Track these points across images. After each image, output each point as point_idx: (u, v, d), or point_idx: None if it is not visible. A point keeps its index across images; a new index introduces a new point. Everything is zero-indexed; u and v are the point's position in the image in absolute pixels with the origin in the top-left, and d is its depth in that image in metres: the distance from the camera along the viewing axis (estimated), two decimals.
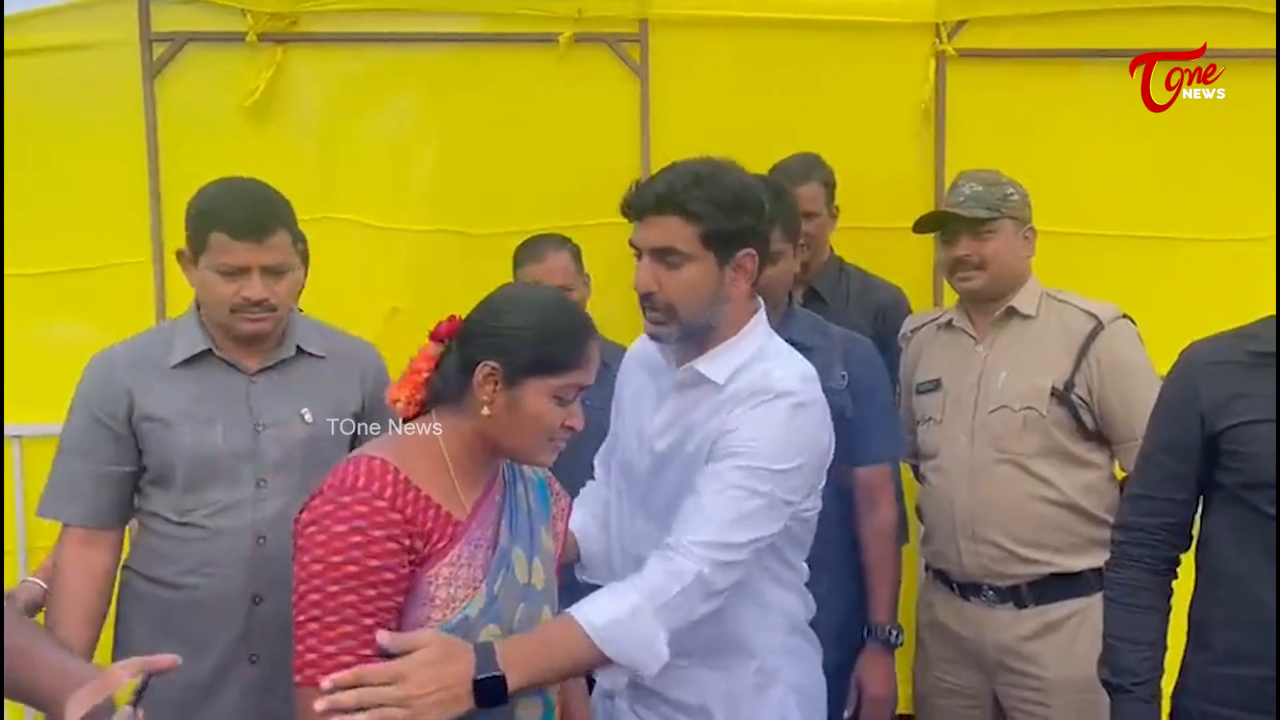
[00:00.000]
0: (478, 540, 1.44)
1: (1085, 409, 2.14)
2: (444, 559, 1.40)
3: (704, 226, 1.62)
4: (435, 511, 1.41)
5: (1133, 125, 3.11)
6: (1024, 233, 2.27)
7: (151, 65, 3.01)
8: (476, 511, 1.46)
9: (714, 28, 3.09)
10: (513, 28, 3.07)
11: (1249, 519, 1.60)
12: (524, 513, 1.54)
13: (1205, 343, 1.72)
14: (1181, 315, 3.04)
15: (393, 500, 1.36)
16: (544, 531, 1.57)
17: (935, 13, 3.08)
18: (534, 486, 1.61)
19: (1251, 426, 1.60)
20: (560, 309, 1.50)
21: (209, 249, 1.83)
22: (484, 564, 1.44)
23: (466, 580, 1.41)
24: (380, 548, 1.34)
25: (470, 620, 1.40)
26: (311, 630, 1.34)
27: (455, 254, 3.10)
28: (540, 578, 1.52)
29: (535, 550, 1.52)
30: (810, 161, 2.74)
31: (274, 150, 3.06)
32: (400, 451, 1.43)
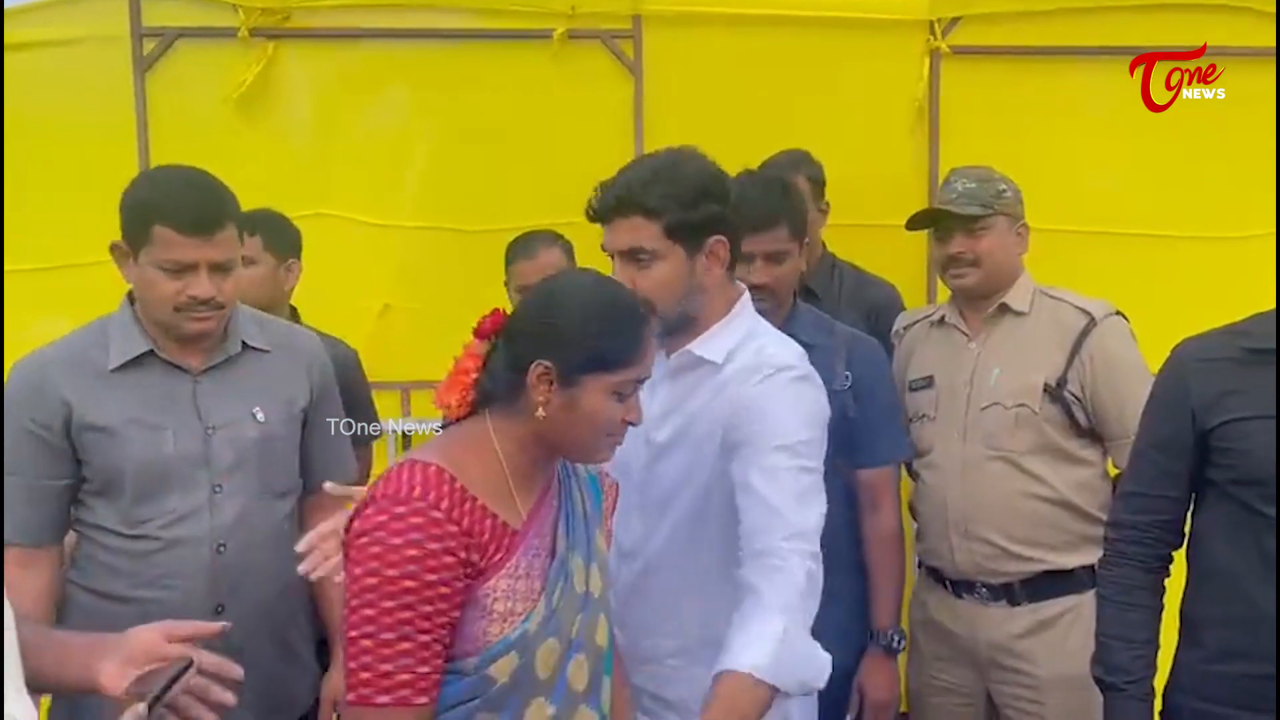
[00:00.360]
0: (535, 549, 1.38)
1: (1078, 406, 2.13)
2: (501, 571, 1.33)
3: (666, 220, 1.62)
4: (492, 521, 1.34)
5: (1127, 123, 3.11)
6: (1017, 229, 2.27)
7: (142, 60, 3.00)
8: (533, 519, 1.39)
9: (708, 24, 3.08)
10: (506, 24, 3.06)
11: (1241, 516, 1.59)
12: (580, 516, 1.47)
13: (1196, 340, 1.72)
14: (1175, 312, 3.04)
15: (449, 511, 1.29)
16: (598, 534, 1.51)
17: (929, 10, 3.07)
18: (587, 485, 1.54)
19: (1243, 423, 1.59)
20: (615, 301, 1.42)
21: (151, 243, 1.71)
22: (542, 573, 1.37)
23: (525, 592, 1.34)
24: (438, 561, 1.27)
25: (529, 634, 1.34)
26: (365, 647, 1.26)
27: (448, 250, 3.09)
28: (597, 584, 1.46)
29: (592, 555, 1.46)
30: (796, 157, 2.74)
31: (266, 146, 3.05)
32: (454, 456, 1.35)
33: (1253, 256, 3.09)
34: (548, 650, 1.36)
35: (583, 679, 1.41)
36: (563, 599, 1.38)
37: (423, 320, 3.12)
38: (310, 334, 2.06)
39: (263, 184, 3.00)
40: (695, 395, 1.71)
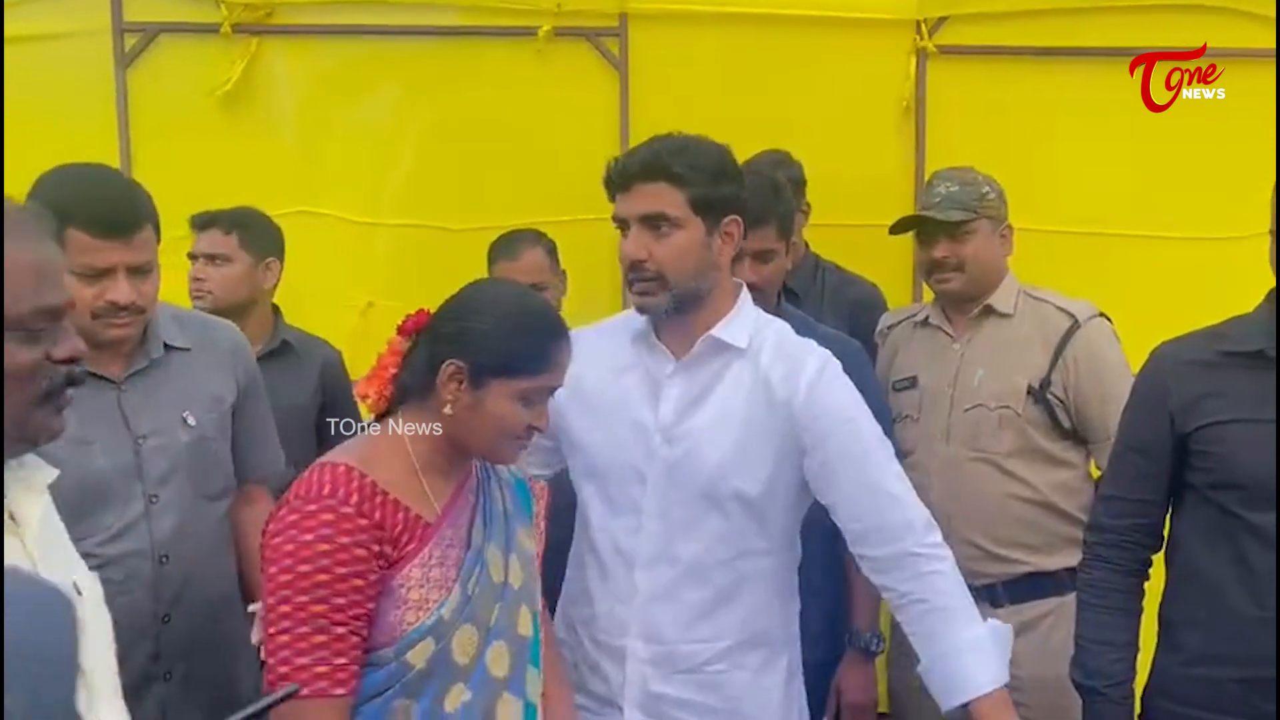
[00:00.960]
0: (449, 540, 1.42)
1: (1061, 408, 2.13)
2: (414, 560, 1.38)
3: (692, 191, 1.61)
4: (404, 514, 1.38)
5: (1114, 123, 3.11)
6: (1000, 231, 2.26)
7: (123, 56, 2.98)
8: (448, 512, 1.44)
9: (694, 22, 3.06)
10: (491, 21, 3.04)
11: (1219, 520, 1.59)
12: (499, 513, 1.51)
13: (1175, 342, 1.71)
14: (1161, 313, 3.05)
15: (359, 506, 1.34)
16: (522, 532, 1.54)
17: (916, 9, 3.06)
18: (510, 487, 1.57)
19: (1221, 427, 1.59)
20: (530, 308, 1.48)
21: (65, 247, 1.56)
22: (456, 563, 1.41)
23: (439, 580, 1.39)
24: (349, 554, 1.32)
25: (445, 620, 1.38)
26: (283, 642, 1.31)
27: (432, 249, 3.07)
28: (518, 576, 1.49)
29: (511, 548, 1.50)
30: (776, 158, 2.72)
31: (248, 143, 3.03)
32: (366, 456, 1.41)
33: (1239, 258, 3.08)
34: (464, 636, 1.39)
35: (503, 666, 1.44)
36: (478, 587, 1.42)
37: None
38: (229, 325, 2.00)
39: (245, 181, 2.99)
40: (721, 381, 1.67)
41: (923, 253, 2.28)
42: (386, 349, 1.51)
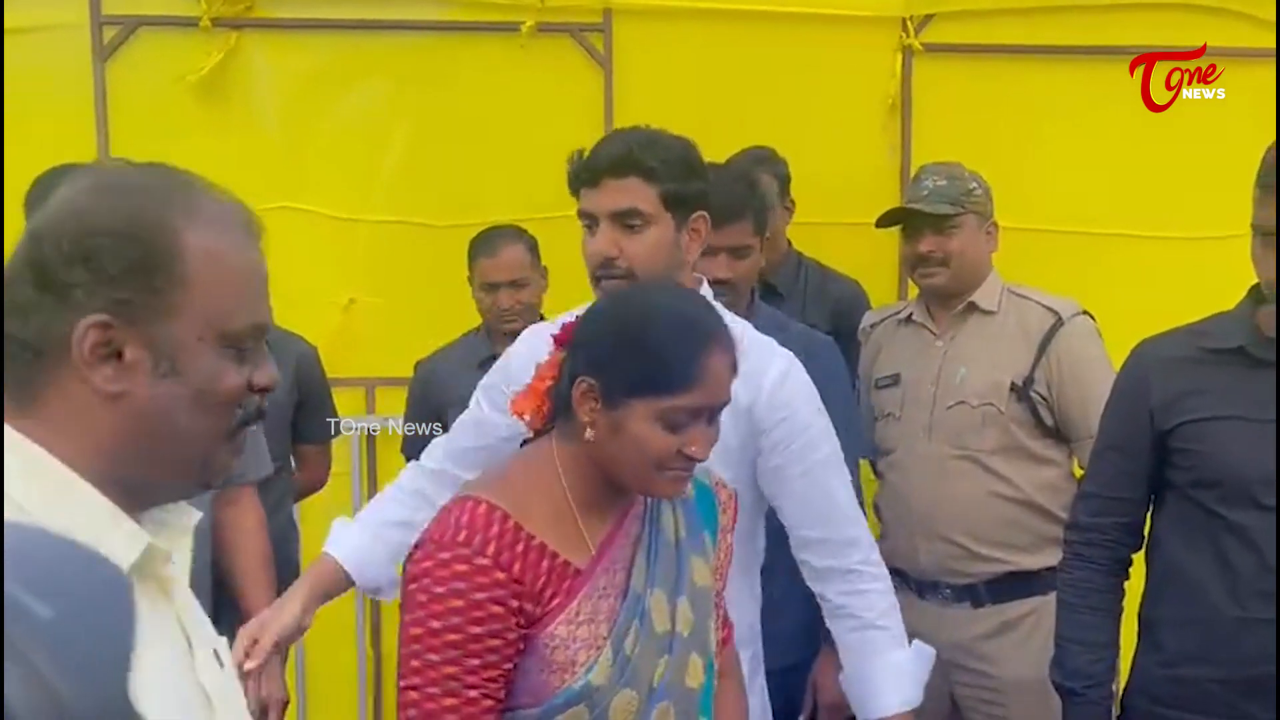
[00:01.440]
0: (603, 589, 1.25)
1: (1044, 405, 2.12)
2: (559, 617, 1.21)
3: (664, 187, 1.59)
4: (550, 562, 1.22)
5: (1100, 121, 3.11)
6: (986, 227, 2.25)
7: (102, 49, 2.94)
8: (603, 554, 1.26)
9: (679, 18, 3.05)
10: (474, 16, 3.02)
11: (1199, 518, 1.58)
12: (668, 545, 1.32)
13: (1156, 339, 1.71)
14: (1144, 312, 3.05)
15: (496, 556, 1.19)
16: (698, 563, 1.34)
17: (902, 7, 3.05)
18: (689, 505, 1.36)
19: (1202, 424, 1.58)
20: (671, 315, 1.26)
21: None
22: (610, 617, 1.24)
23: (587, 639, 1.22)
24: (484, 612, 1.18)
25: (595, 687, 1.21)
26: (413, 699, 1.20)
27: (415, 245, 3.05)
28: (687, 621, 1.29)
29: (680, 589, 1.30)
30: (761, 155, 2.71)
31: (229, 138, 3.00)
32: (512, 487, 1.25)
33: (1224, 256, 3.07)
34: (624, 702, 1.23)
35: None
36: (638, 646, 1.24)
37: (389, 316, 3.08)
38: None
39: (226, 176, 2.86)
40: None
41: (908, 247, 2.27)
42: (546, 360, 1.34)
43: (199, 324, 0.84)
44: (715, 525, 1.40)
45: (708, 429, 1.26)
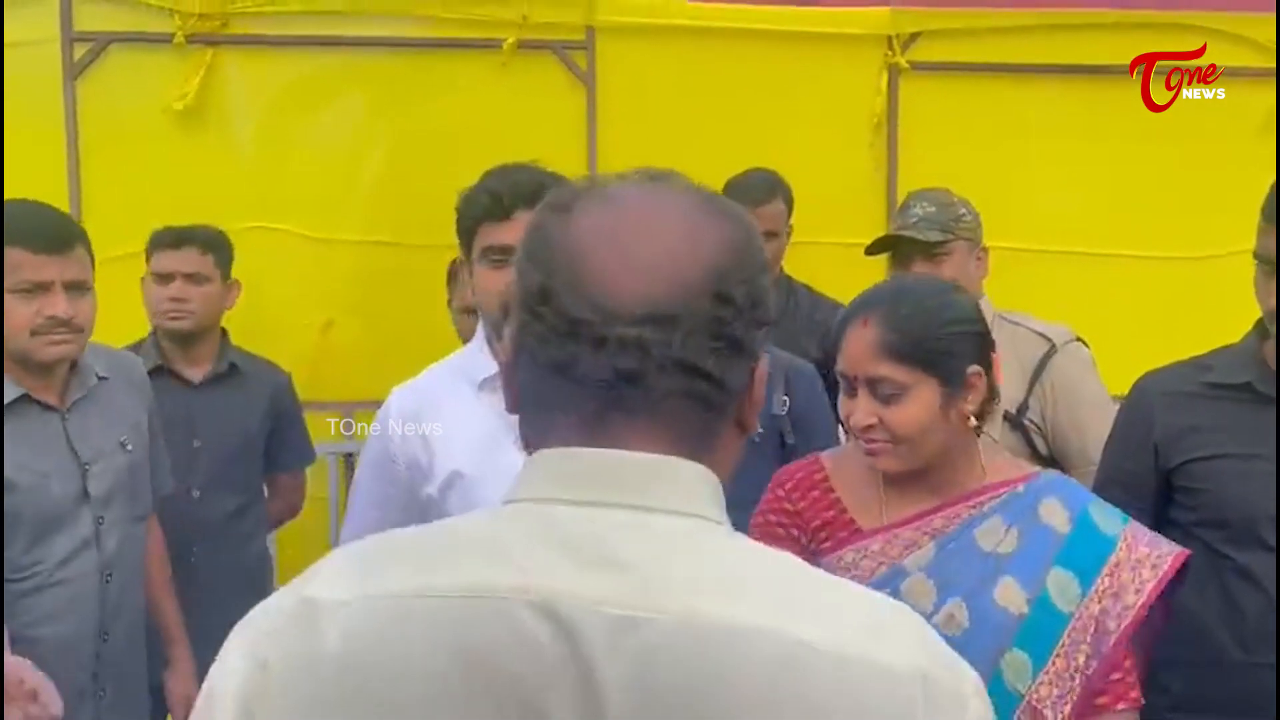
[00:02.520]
0: (874, 554, 1.40)
1: (1038, 434, 2.09)
2: (827, 558, 1.41)
3: None
4: (836, 513, 1.44)
5: (1086, 140, 3.09)
6: (976, 254, 2.22)
7: (73, 66, 2.88)
8: (890, 528, 1.40)
9: (662, 36, 3.01)
10: (455, 33, 2.98)
11: (1206, 558, 1.54)
12: (977, 552, 1.36)
13: (1160, 373, 1.67)
14: (1133, 331, 3.05)
15: (789, 493, 1.46)
16: (1009, 584, 1.35)
17: (888, 25, 3.03)
18: (1042, 531, 1.37)
19: (1207, 462, 1.55)
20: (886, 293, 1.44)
21: (4, 267, 1.69)
22: (869, 575, 1.39)
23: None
24: (769, 532, 1.45)
25: None
26: None
27: (394, 265, 3.00)
28: (957, 624, 1.34)
29: (959, 592, 1.35)
30: (773, 180, 2.67)
31: (202, 156, 2.94)
32: (847, 453, 1.48)
33: (1212, 275, 3.08)
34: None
35: None
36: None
37: (367, 337, 3.03)
38: (132, 355, 2.10)
39: (200, 196, 2.90)
40: None
41: (899, 273, 2.22)
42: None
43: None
44: (1092, 577, 1.36)
45: (852, 400, 1.39)
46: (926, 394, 1.34)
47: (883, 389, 1.34)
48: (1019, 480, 1.42)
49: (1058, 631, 1.34)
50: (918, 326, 1.35)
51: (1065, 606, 1.34)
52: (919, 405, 1.33)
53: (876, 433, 1.35)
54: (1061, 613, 1.34)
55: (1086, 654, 1.33)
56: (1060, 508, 1.39)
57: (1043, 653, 1.33)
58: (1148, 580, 1.36)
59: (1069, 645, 1.34)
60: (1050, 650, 1.33)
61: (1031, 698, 1.32)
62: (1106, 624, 1.34)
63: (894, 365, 1.33)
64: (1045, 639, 1.33)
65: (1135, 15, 3.05)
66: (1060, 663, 1.34)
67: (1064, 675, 1.33)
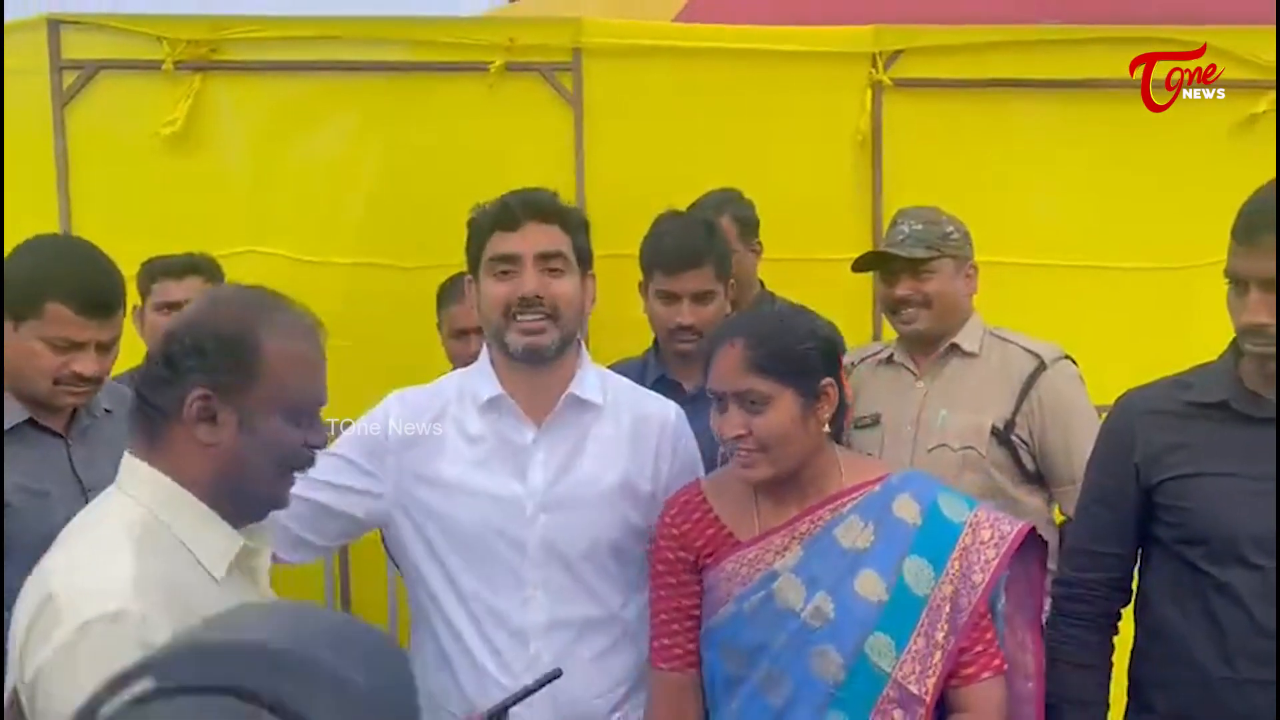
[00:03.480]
0: (750, 561, 1.55)
1: (1025, 450, 2.10)
2: (713, 570, 1.57)
3: (575, 239, 1.68)
4: (715, 530, 1.58)
5: (1070, 155, 3.12)
6: (965, 271, 2.24)
7: (62, 94, 2.89)
8: (763, 537, 1.55)
9: (648, 57, 3.04)
10: (442, 56, 2.99)
11: (1187, 576, 1.56)
12: (836, 551, 1.53)
13: (1141, 391, 1.68)
14: (1122, 344, 3.07)
15: (674, 518, 1.61)
16: (869, 575, 1.52)
17: (872, 42, 3.06)
18: (898, 527, 1.53)
19: (1187, 480, 1.56)
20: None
21: (42, 318, 1.70)
22: (745, 581, 1.54)
23: (724, 593, 1.56)
24: (661, 556, 1.62)
25: (713, 628, 1.56)
26: (651, 622, 1.64)
27: (386, 288, 3.00)
28: (823, 616, 1.50)
29: (824, 586, 1.51)
30: (726, 196, 2.70)
31: (193, 182, 2.95)
32: (723, 475, 1.64)
33: (1195, 287, 3.10)
34: (725, 653, 1.56)
35: (779, 695, 1.51)
36: (756, 608, 1.53)
37: (357, 359, 3.01)
38: (121, 385, 2.10)
39: (191, 221, 2.91)
40: (588, 441, 1.69)
41: (885, 290, 2.25)
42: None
43: (269, 399, 1.25)
44: (942, 562, 1.53)
45: (723, 416, 1.57)
46: (787, 403, 1.50)
47: (749, 400, 1.50)
48: (875, 481, 1.57)
49: (916, 613, 1.50)
50: (776, 344, 1.52)
51: (920, 590, 1.51)
52: (781, 413, 1.49)
53: (747, 442, 1.51)
54: (917, 596, 1.51)
55: (945, 631, 1.50)
56: (911, 502, 1.54)
57: (903, 634, 1.49)
58: (991, 560, 1.52)
59: (927, 624, 1.49)
60: (910, 631, 1.49)
61: (897, 675, 1.48)
62: (959, 602, 1.50)
63: (758, 378, 1.50)
64: (905, 621, 1.49)
65: (1120, 30, 3.09)
66: (920, 641, 1.49)
67: (924, 652, 1.49)
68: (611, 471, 1.67)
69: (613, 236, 2.96)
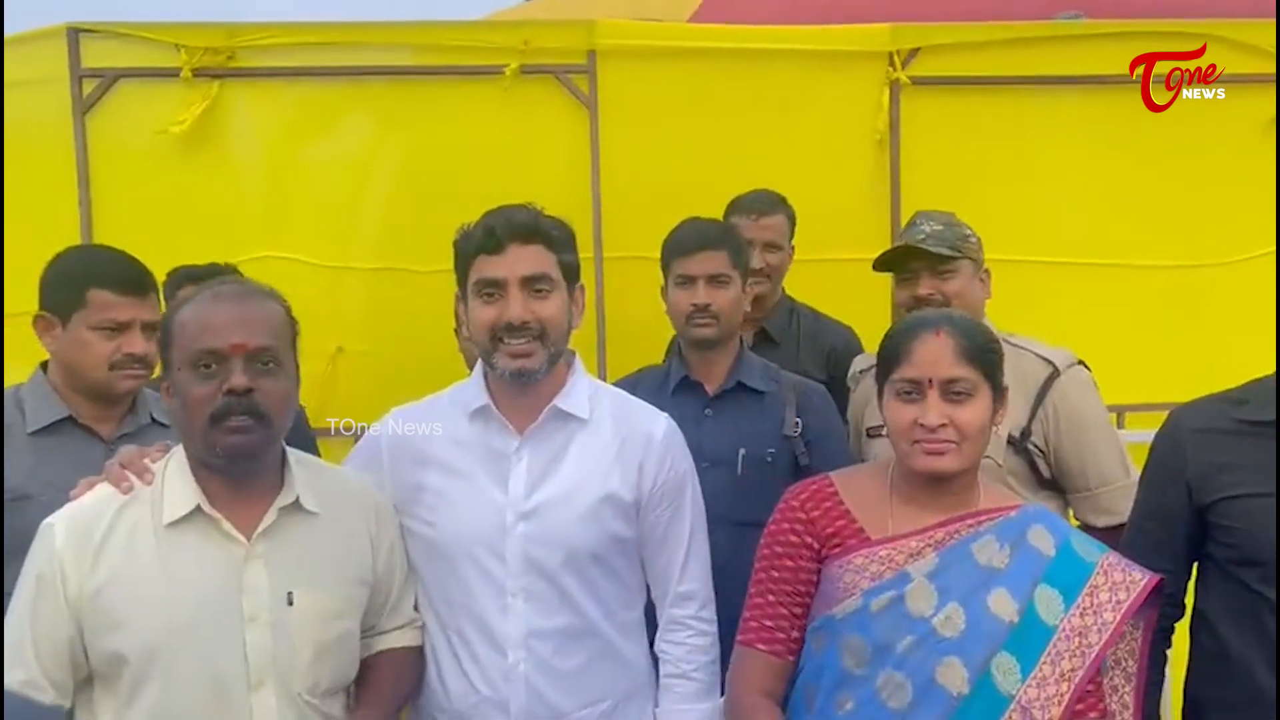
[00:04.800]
0: (881, 559, 1.51)
1: (1041, 458, 2.07)
2: (836, 561, 1.54)
3: (560, 256, 1.67)
4: (845, 522, 1.56)
5: (1088, 151, 3.10)
6: (980, 274, 2.20)
7: (82, 102, 2.91)
8: (897, 539, 1.52)
9: (663, 58, 3.03)
10: (457, 60, 3.00)
11: (1243, 597, 1.54)
12: (972, 565, 1.50)
13: (1192, 407, 1.65)
14: (1139, 343, 3.04)
15: (804, 503, 1.59)
16: (1002, 595, 1.48)
17: (888, 41, 3.05)
18: (1033, 554, 1.51)
19: (1240, 501, 1.53)
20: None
21: (86, 307, 1.83)
22: (876, 578, 1.50)
23: (849, 586, 1.52)
24: (783, 539, 1.59)
25: (835, 619, 1.51)
26: (748, 601, 1.62)
27: (402, 291, 3.02)
28: (954, 626, 1.47)
29: (956, 597, 1.48)
30: (775, 196, 2.70)
31: (212, 188, 2.98)
32: (855, 472, 1.66)
33: (1216, 284, 3.08)
34: (848, 648, 1.51)
35: (900, 700, 1.46)
36: (884, 607, 1.49)
37: (375, 363, 3.04)
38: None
39: (210, 227, 2.94)
40: (569, 453, 1.69)
41: (904, 291, 2.20)
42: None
43: (178, 361, 1.46)
44: (1074, 595, 1.50)
45: (917, 404, 1.55)
46: (985, 399, 1.50)
47: (955, 390, 1.48)
48: (1011, 508, 1.56)
49: (1044, 641, 1.48)
50: (980, 339, 1.51)
51: (1050, 620, 1.48)
52: (982, 407, 1.50)
53: (947, 432, 1.48)
54: (1047, 625, 1.48)
55: (1073, 664, 1.47)
56: (1047, 534, 1.53)
57: (1031, 658, 1.47)
58: (1123, 601, 1.49)
59: (1054, 654, 1.47)
60: (1038, 657, 1.47)
61: (1021, 699, 1.45)
62: (1089, 638, 1.47)
63: (967, 367, 1.48)
64: (1033, 646, 1.47)
65: (1136, 24, 3.06)
66: (1047, 669, 1.47)
67: (1049, 680, 1.46)
68: (592, 482, 1.68)
69: (628, 238, 2.97)
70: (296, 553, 1.50)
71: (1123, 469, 2.05)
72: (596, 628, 1.69)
